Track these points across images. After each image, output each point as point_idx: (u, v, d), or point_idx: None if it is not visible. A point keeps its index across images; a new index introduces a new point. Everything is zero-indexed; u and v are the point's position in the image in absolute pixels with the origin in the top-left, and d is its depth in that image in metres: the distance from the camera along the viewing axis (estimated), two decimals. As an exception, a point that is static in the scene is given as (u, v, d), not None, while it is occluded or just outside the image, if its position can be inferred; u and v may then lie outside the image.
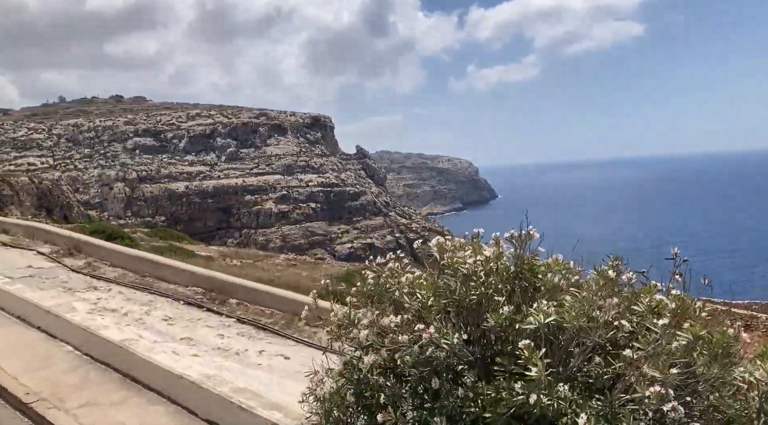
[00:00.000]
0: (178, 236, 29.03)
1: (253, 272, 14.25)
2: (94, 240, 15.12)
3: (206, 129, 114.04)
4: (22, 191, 63.49)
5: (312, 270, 17.29)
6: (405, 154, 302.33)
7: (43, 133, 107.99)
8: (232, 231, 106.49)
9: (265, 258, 21.22)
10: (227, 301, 11.03)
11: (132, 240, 18.13)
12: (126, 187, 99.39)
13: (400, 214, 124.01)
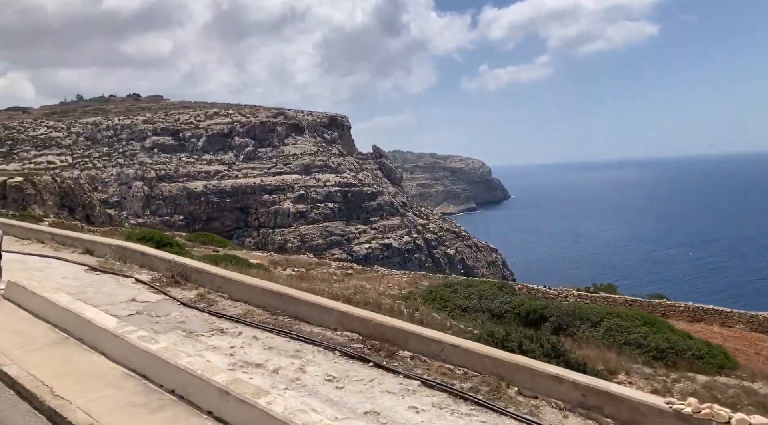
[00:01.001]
0: (219, 241, 28.19)
1: (330, 290, 13.22)
2: (206, 266, 12.70)
3: (224, 128, 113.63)
4: (45, 190, 63.34)
5: (377, 282, 16.39)
6: (417, 154, 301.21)
7: (62, 131, 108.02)
8: (250, 231, 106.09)
9: (316, 266, 20.38)
10: (396, 354, 8.93)
11: (181, 248, 17.31)
12: (144, 186, 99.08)
13: (417, 215, 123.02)
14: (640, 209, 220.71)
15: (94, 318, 8.32)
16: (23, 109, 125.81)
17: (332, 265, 22.14)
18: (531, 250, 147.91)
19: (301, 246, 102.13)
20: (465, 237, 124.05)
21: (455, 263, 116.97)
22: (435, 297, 12.52)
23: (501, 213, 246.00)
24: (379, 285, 15.65)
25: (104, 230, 28.53)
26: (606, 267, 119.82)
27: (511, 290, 14.48)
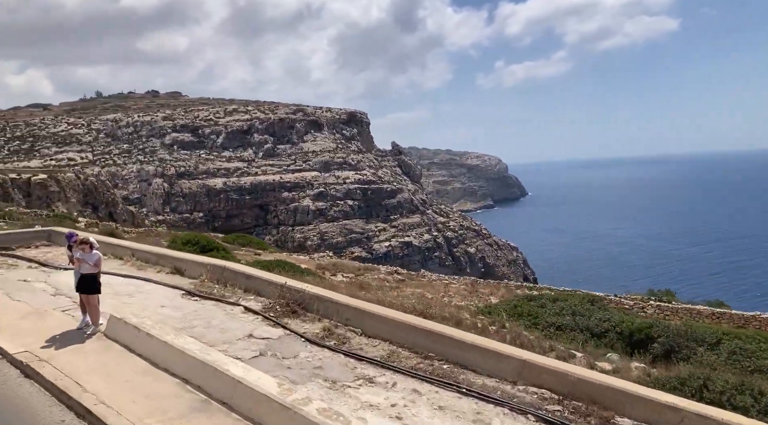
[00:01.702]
0: (258, 242, 27.20)
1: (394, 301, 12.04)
2: (329, 293, 10.66)
3: (243, 124, 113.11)
4: (68, 187, 63.00)
5: (434, 290, 15.28)
6: (433, 150, 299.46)
7: (83, 128, 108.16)
8: (270, 229, 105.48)
9: (365, 272, 19.30)
10: (613, 422, 6.76)
11: (227, 252, 16.32)
12: (164, 183, 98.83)
13: (437, 212, 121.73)
14: (658, 207, 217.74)
15: (245, 377, 6.49)
16: (44, 105, 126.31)
17: (381, 270, 21.06)
18: (550, 248, 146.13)
19: (320, 244, 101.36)
20: (485, 236, 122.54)
21: (476, 262, 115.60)
22: (521, 313, 11.39)
23: (519, 210, 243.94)
24: (439, 294, 14.56)
25: (139, 231, 27.66)
26: (628, 267, 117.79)
27: (602, 304, 13.29)
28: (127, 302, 10.74)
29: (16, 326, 9.19)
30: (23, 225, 18.92)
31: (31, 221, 21.84)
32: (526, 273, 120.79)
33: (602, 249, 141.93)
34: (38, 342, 8.49)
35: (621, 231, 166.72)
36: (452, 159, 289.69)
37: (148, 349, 7.83)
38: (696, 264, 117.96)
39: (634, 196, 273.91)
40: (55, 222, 21.22)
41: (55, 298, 11.02)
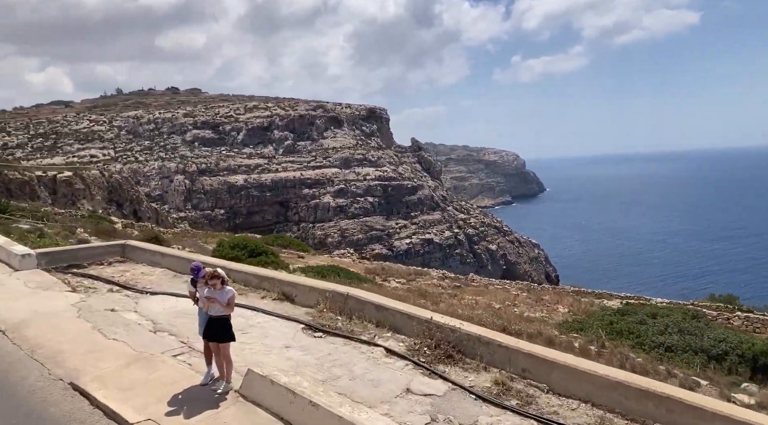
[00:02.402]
0: (298, 244, 26.43)
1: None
2: (494, 335, 8.39)
3: (264, 121, 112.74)
4: (93, 185, 62.93)
5: (495, 297, 14.32)
6: (450, 146, 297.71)
7: (104, 124, 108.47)
8: (290, 226, 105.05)
9: (417, 276, 18.43)
10: None
11: (276, 257, 15.54)
12: (186, 180, 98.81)
13: (457, 209, 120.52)
14: (677, 203, 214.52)
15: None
16: (66, 102, 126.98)
17: (433, 275, 20.13)
18: (571, 245, 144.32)
19: (341, 241, 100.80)
20: (506, 232, 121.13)
21: (497, 259, 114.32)
22: (620, 331, 10.34)
23: (538, 206, 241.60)
24: (504, 302, 13.65)
25: (175, 232, 26.98)
26: (653, 264, 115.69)
27: (706, 320, 12.23)
28: (244, 341, 8.77)
29: (123, 378, 7.50)
30: (62, 227, 18.29)
31: (68, 222, 21.27)
32: (548, 270, 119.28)
33: (624, 245, 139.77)
34: (159, 404, 6.77)
35: (642, 227, 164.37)
36: (469, 155, 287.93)
37: (312, 422, 6.09)
38: (720, 261, 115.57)
39: (654, 191, 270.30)
40: (93, 224, 20.61)
41: (157, 337, 9.05)
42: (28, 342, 8.60)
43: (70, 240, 14.75)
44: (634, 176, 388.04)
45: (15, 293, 10.91)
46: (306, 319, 10.05)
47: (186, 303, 9.96)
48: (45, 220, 18.90)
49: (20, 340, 8.63)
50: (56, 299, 10.67)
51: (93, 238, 16.30)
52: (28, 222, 18.12)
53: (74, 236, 15.58)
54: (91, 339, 8.75)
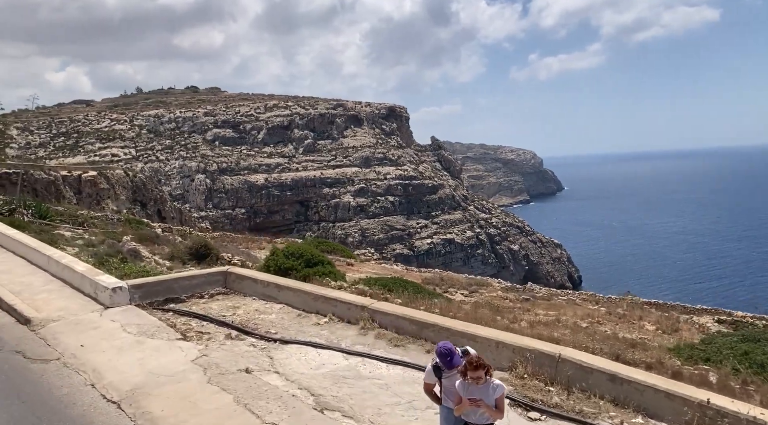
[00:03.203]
0: (342, 249, 25.53)
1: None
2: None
3: (284, 120, 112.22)
4: (117, 184, 62.64)
5: (577, 314, 13.23)
6: (467, 145, 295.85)
7: (125, 124, 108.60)
8: (310, 225, 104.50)
9: (478, 287, 17.40)
10: None
11: (332, 267, 14.62)
12: (207, 179, 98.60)
13: (479, 208, 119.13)
14: (697, 200, 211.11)
15: None
16: (87, 101, 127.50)
17: (495, 286, 19.07)
18: (592, 245, 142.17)
19: (362, 240, 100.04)
20: (528, 232, 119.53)
21: (519, 259, 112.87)
22: (763, 363, 9.19)
23: (556, 205, 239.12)
24: (585, 319, 12.56)
25: (214, 236, 26.11)
26: (680, 267, 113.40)
27: None
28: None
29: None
30: (103, 233, 17.54)
31: (104, 226, 20.55)
32: (571, 271, 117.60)
33: (646, 245, 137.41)
34: None
35: (663, 226, 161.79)
36: (486, 153, 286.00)
37: None
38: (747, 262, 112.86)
39: (673, 189, 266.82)
40: (134, 229, 19.86)
41: (328, 419, 6.44)
42: (155, 422, 6.30)
43: (119, 250, 13.89)
44: (653, 174, 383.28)
45: (116, 342, 8.56)
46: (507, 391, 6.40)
47: (331, 358, 8.06)
48: (85, 225, 18.19)
49: (144, 419, 6.32)
50: (169, 352, 8.31)
51: (140, 247, 15.48)
52: (69, 228, 17.39)
53: (121, 244, 14.77)
54: (244, 423, 6.31)
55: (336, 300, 9.97)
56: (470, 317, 9.84)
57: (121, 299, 10.04)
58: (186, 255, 14.84)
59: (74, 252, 13.55)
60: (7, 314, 9.72)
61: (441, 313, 9.48)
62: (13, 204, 16.60)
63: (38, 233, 14.62)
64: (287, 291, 10.74)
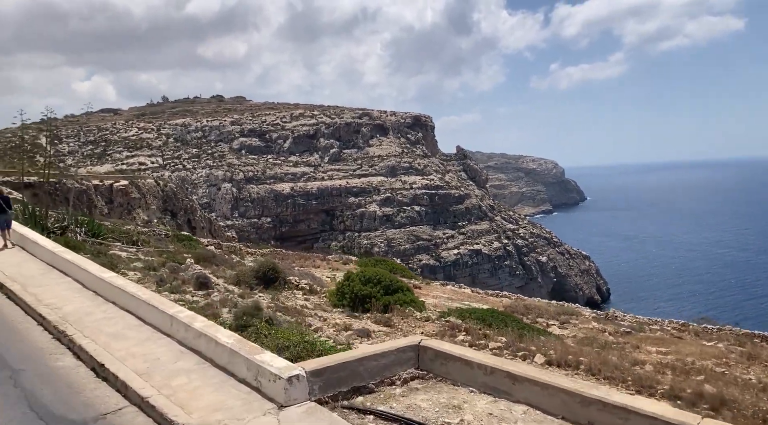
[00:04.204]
0: (402, 269, 24.19)
1: None
2: None
3: (310, 129, 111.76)
4: (148, 194, 62.24)
5: (699, 354, 11.75)
6: (488, 154, 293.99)
7: (152, 132, 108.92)
8: (336, 234, 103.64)
9: (567, 316, 15.84)
10: None
11: (411, 293, 13.32)
12: (233, 188, 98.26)
13: (506, 219, 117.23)
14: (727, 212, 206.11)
15: None
16: (114, 110, 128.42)
17: (585, 315, 17.51)
18: (618, 256, 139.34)
19: (387, 250, 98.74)
20: (556, 244, 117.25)
21: (547, 271, 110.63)
22: None
23: (579, 216, 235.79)
24: (719, 361, 11.09)
25: (264, 252, 24.92)
26: (711, 280, 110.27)
27: None
28: None
29: None
30: (158, 252, 16.50)
31: (154, 243, 19.53)
32: (599, 283, 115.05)
33: (673, 257, 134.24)
34: None
35: (690, 238, 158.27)
36: (507, 162, 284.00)
37: None
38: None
39: (697, 200, 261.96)
40: (185, 246, 18.84)
41: None
42: None
43: (183, 273, 12.75)
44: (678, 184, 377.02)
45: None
46: None
47: None
48: (139, 244, 17.21)
49: None
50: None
51: (198, 267, 14.38)
52: (122, 247, 16.39)
53: (184, 267, 13.69)
54: None
55: (630, 411, 5.73)
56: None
57: (299, 393, 6.77)
58: (252, 280, 13.72)
59: (137, 277, 12.47)
60: (140, 411, 6.57)
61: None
62: (65, 221, 15.63)
63: (95, 255, 13.59)
64: (529, 386, 6.79)
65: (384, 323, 11.50)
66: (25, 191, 49.29)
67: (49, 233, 14.74)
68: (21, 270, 12.37)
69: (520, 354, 9.69)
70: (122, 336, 8.64)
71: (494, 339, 10.41)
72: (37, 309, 9.74)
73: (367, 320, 11.97)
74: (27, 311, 10.06)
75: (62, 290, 11.08)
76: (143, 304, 9.29)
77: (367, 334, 10.20)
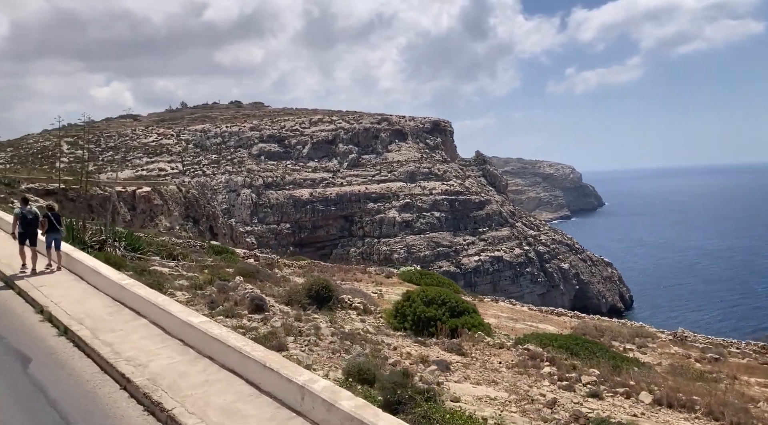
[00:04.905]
0: (448, 283, 23.11)
1: None
2: None
3: (328, 135, 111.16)
4: (171, 200, 61.77)
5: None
6: (504, 159, 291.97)
7: (172, 138, 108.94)
8: (355, 240, 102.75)
9: (643, 339, 14.62)
10: None
11: (477, 315, 12.26)
12: (252, 194, 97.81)
13: (527, 225, 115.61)
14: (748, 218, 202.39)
15: None
16: (133, 116, 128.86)
17: (663, 338, 16.36)
18: (640, 263, 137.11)
19: (407, 257, 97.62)
20: (578, 250, 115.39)
21: (569, 278, 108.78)
22: None
23: (598, 221, 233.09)
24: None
25: (300, 264, 23.95)
26: (724, 286, 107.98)
27: None
28: None
29: None
30: (198, 266, 15.61)
31: (191, 254, 18.68)
32: (622, 291, 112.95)
33: (694, 263, 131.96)
34: None
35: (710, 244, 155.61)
36: (524, 167, 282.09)
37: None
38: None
39: (718, 205, 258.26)
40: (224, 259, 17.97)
41: None
42: None
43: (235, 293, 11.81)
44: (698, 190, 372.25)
45: None
46: None
47: None
48: (180, 258, 16.36)
49: None
50: None
51: (249, 286, 13.41)
52: (160, 261, 15.54)
53: (232, 285, 12.77)
54: None
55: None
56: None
57: None
58: (305, 299, 12.75)
59: (186, 298, 11.56)
60: None
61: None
62: (103, 235, 14.81)
63: (139, 273, 12.71)
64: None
65: (456, 351, 10.47)
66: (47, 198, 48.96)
67: (87, 248, 13.90)
68: (85, 308, 10.40)
69: (622, 392, 8.60)
70: (237, 412, 6.58)
71: (585, 372, 9.33)
72: (117, 367, 7.81)
73: (434, 346, 10.96)
74: (103, 367, 8.10)
75: (141, 338, 9.04)
76: (255, 365, 7.10)
77: (446, 367, 9.17)
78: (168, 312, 9.23)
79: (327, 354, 8.90)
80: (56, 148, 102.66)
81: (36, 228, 12.77)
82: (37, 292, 11.20)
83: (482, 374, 9.14)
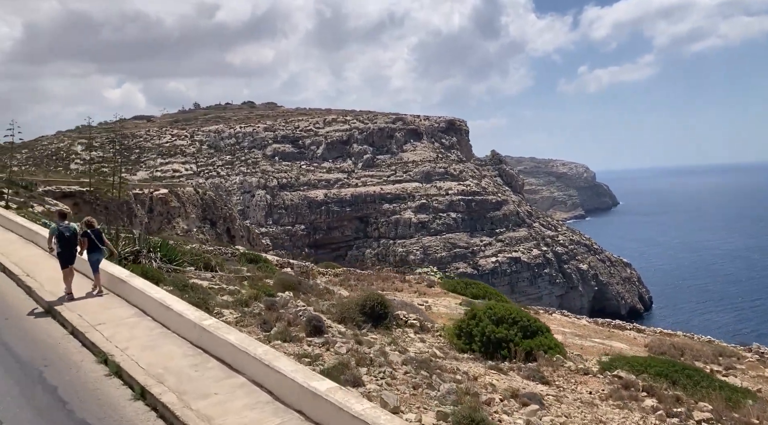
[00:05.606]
0: (495, 293, 21.89)
1: None
2: None
3: (343, 135, 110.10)
4: (188, 202, 60.98)
5: None
6: (516, 158, 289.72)
7: (186, 139, 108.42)
8: (370, 242, 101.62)
9: (727, 358, 13.34)
10: None
11: (551, 333, 11.14)
12: (267, 195, 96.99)
13: (544, 225, 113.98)
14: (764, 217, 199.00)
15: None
16: (147, 117, 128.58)
17: (749, 357, 15.13)
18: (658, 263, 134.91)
19: (423, 258, 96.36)
20: (597, 251, 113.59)
21: (588, 279, 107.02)
22: None
23: (613, 220, 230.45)
24: None
25: (336, 271, 22.82)
26: (743, 285, 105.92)
27: None
28: None
29: None
30: (237, 280, 14.56)
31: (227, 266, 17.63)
32: (641, 292, 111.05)
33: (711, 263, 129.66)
34: None
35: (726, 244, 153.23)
36: (537, 167, 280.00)
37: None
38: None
39: (733, 204, 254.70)
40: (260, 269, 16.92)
41: None
42: None
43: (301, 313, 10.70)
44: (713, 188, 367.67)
45: None
46: None
47: None
48: (217, 269, 15.32)
49: None
50: None
51: (301, 303, 12.32)
52: (195, 273, 14.51)
53: (282, 302, 11.69)
54: None
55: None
56: None
57: None
58: (359, 316, 11.65)
59: (234, 318, 10.48)
60: None
61: None
62: (136, 245, 13.81)
63: (180, 288, 11.66)
64: None
65: (539, 379, 9.31)
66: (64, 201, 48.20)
67: (121, 261, 12.90)
68: (161, 358, 8.30)
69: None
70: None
71: (696, 407, 8.16)
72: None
73: (510, 372, 9.82)
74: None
75: (245, 407, 6.87)
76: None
77: (539, 402, 8.01)
78: (277, 372, 7.03)
79: (408, 390, 7.72)
80: (69, 149, 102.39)
81: (75, 247, 11.28)
82: (97, 334, 9.16)
83: (581, 411, 7.96)
